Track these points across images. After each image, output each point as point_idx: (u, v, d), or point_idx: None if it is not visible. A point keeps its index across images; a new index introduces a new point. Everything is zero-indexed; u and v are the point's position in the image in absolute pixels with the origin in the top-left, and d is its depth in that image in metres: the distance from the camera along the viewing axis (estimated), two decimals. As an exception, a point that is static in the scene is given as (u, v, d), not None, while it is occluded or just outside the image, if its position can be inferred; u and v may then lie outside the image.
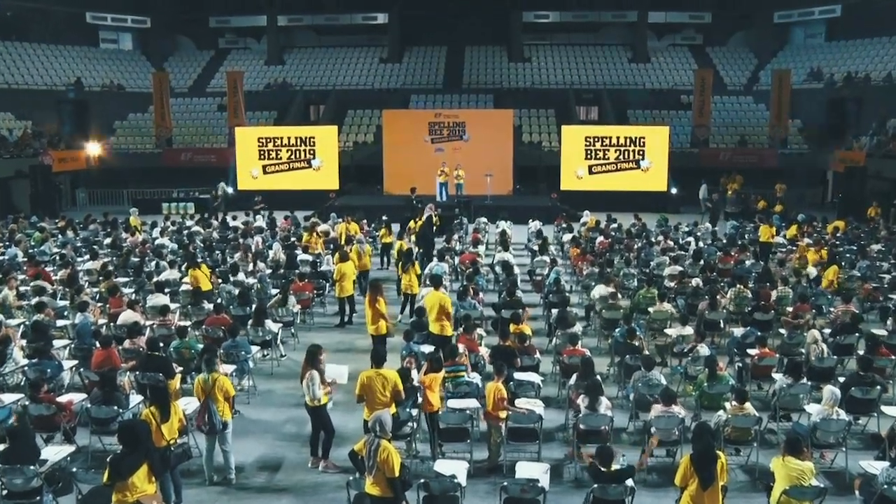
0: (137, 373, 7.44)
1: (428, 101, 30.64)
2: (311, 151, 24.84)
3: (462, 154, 24.94)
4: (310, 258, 13.32)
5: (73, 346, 8.83)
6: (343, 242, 13.00)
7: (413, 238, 15.07)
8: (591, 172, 24.15)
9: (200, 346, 8.51)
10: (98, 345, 7.96)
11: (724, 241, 15.67)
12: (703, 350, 8.27)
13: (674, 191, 24.02)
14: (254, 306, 9.90)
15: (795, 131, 27.57)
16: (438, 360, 6.91)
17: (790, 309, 10.10)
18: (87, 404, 6.91)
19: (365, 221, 17.29)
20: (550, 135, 28.62)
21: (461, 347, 7.80)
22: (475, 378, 7.45)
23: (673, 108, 29.33)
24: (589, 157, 24.17)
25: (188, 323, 9.90)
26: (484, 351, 8.38)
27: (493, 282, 13.43)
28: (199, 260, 12.41)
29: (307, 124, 28.80)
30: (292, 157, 24.92)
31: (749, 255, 14.08)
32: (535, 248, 14.80)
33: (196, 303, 10.22)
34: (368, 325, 9.08)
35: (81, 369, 7.96)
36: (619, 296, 10.76)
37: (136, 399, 7.12)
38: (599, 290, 10.75)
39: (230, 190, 23.63)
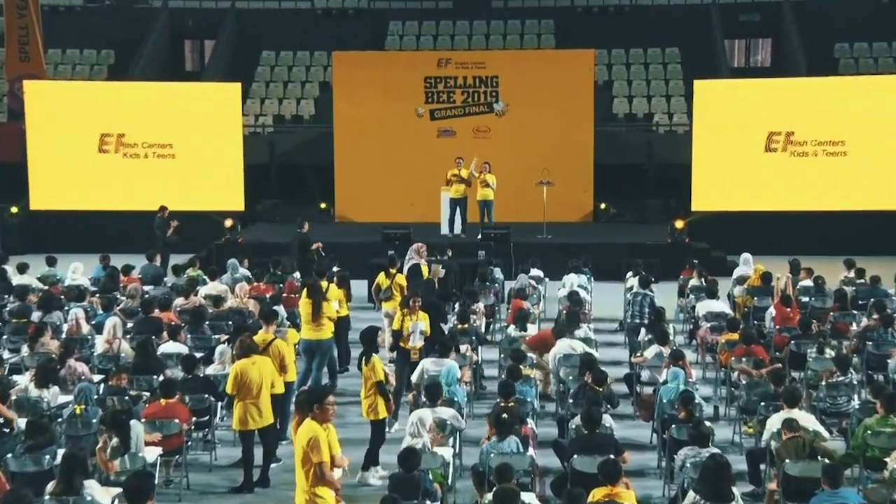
0: None
1: (424, 36, 31.23)
2: (190, 134, 25.23)
3: (492, 142, 25.24)
4: (182, 350, 13.22)
5: None
6: (264, 320, 12.82)
7: (385, 305, 14.98)
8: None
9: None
10: None
11: None
12: None
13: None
14: (59, 453, 9.73)
15: None
16: None
17: None
18: None
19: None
20: (670, 100, 28.93)
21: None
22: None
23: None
24: (770, 146, 24.19)
25: None
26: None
27: (554, 398, 13.32)
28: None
29: (179, 79, 29.34)
30: (145, 143, 25.24)
31: None
32: (642, 329, 14.65)
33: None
34: (298, 490, 8.89)
35: None
36: (822, 430, 10.56)
37: None
38: (779, 419, 10.52)
39: None
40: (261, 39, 31.00)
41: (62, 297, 16.19)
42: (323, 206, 26.11)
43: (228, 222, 23.00)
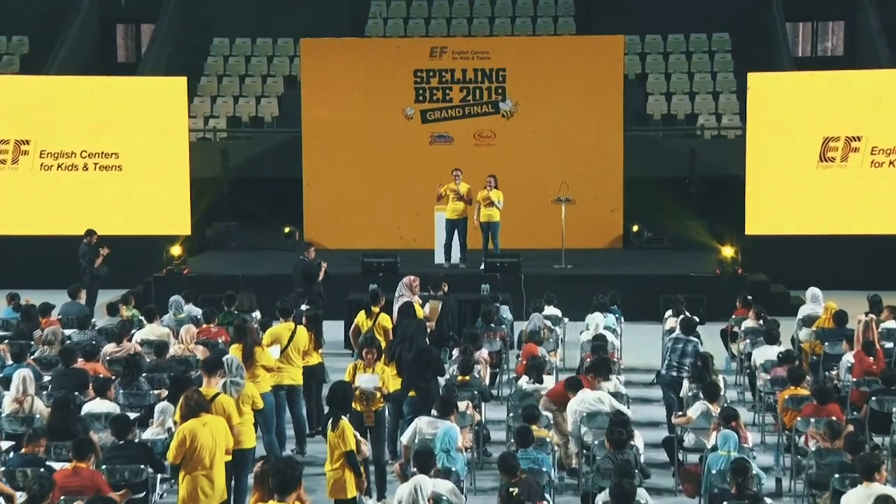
0: None
1: (413, 19, 31.38)
2: (122, 140, 25.17)
3: (498, 150, 25.37)
4: (113, 409, 13.19)
5: None
6: (205, 370, 12.80)
7: (365, 354, 14.94)
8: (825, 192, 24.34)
9: None
10: None
11: None
12: None
13: None
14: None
15: None
16: None
17: None
18: None
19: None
20: (718, 97, 29.07)
21: None
22: None
23: None
24: (826, 154, 24.19)
25: None
26: None
27: (573, 467, 13.30)
28: None
29: (110, 72, 29.24)
30: (65, 153, 25.20)
31: None
32: (685, 382, 14.68)
33: None
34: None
35: None
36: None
37: None
38: (856, 496, 10.45)
39: None
40: (211, 24, 31.14)
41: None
42: (288, 230, 26.09)
43: (176, 249, 22.96)
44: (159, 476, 12.16)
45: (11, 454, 12.15)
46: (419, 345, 14.60)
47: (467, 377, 14.44)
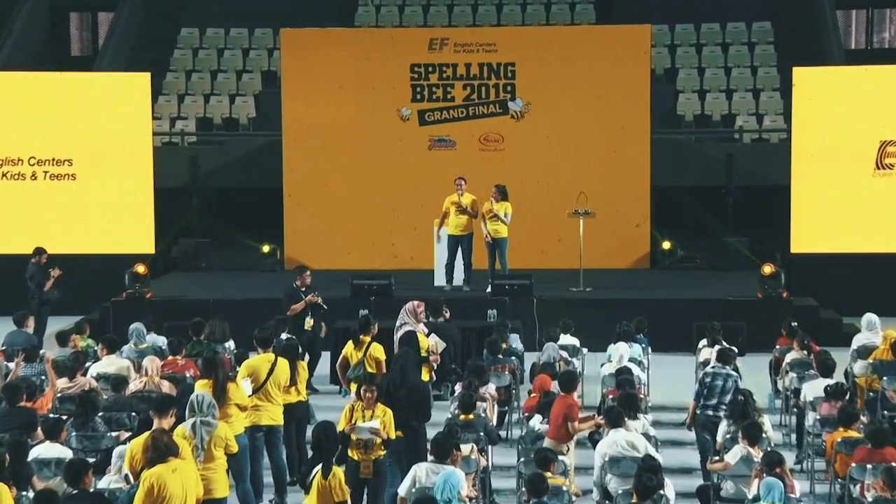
0: None
1: (410, 6, 31.50)
2: (76, 145, 25.22)
3: (506, 156, 25.45)
4: (65, 454, 13.17)
5: None
6: (155, 412, 12.81)
7: (364, 392, 14.94)
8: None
9: None
10: None
11: None
12: None
13: None
14: None
15: None
16: None
17: None
18: None
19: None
20: (758, 95, 29.14)
21: None
22: None
23: None
24: (883, 160, 24.18)
25: None
26: None
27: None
28: None
29: (62, 67, 29.20)
30: (10, 160, 25.13)
31: None
32: (723, 422, 14.64)
33: None
34: None
35: None
36: None
37: None
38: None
39: None
40: (178, 12, 31.25)
41: None
42: (266, 249, 26.10)
43: (141, 268, 22.87)
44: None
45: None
46: (412, 380, 14.55)
47: (471, 416, 14.36)
